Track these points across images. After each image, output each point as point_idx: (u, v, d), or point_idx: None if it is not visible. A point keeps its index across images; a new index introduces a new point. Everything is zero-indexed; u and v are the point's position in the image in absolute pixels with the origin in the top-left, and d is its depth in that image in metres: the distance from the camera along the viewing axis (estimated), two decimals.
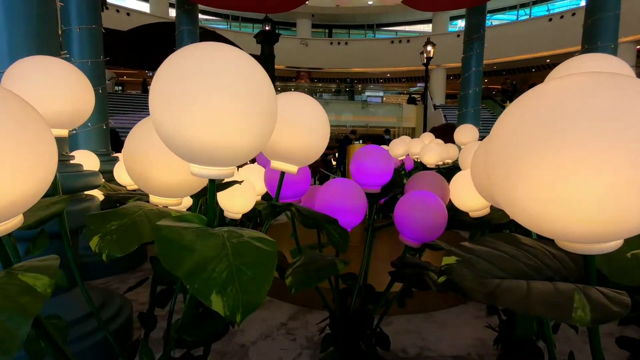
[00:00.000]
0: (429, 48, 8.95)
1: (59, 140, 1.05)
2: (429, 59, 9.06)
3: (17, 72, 0.98)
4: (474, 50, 5.02)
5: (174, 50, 0.58)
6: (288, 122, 0.88)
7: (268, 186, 1.31)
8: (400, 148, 3.44)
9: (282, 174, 1.02)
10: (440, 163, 3.21)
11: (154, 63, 9.02)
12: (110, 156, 3.05)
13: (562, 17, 16.66)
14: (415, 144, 3.53)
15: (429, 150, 3.13)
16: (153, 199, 0.94)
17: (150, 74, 19.91)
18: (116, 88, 20.98)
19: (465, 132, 3.03)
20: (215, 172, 0.65)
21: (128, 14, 17.61)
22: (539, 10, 19.40)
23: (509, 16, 21.02)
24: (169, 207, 0.95)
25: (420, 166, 3.48)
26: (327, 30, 25.39)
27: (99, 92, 3.01)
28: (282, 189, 1.24)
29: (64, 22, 2.90)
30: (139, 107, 16.45)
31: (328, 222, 1.11)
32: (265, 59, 10.21)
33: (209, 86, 0.55)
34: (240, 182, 1.10)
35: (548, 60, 19.01)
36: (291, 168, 0.96)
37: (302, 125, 0.92)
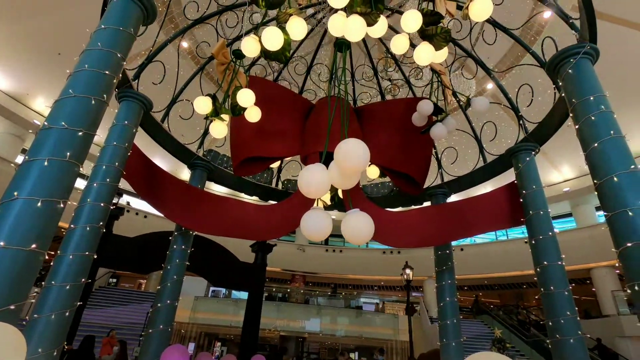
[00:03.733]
0: (408, 271, 9.50)
1: None
2: (408, 281, 9.47)
3: None
4: (445, 280, 5.32)
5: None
6: None
7: None
8: None
9: None
10: None
11: (147, 269, 9.28)
12: None
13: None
14: None
15: None
16: None
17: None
18: (111, 280, 21.03)
19: None
20: None
21: (145, 217, 19.64)
22: (516, 231, 21.37)
23: (489, 235, 23.07)
24: None
25: None
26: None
27: (65, 315, 3.06)
28: None
29: (62, 247, 3.29)
30: (129, 301, 16.03)
31: None
32: (258, 267, 10.63)
33: None
34: None
35: (535, 279, 19.54)
36: None
37: None
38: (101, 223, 3.58)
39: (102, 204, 3.58)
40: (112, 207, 3.89)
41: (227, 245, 10.87)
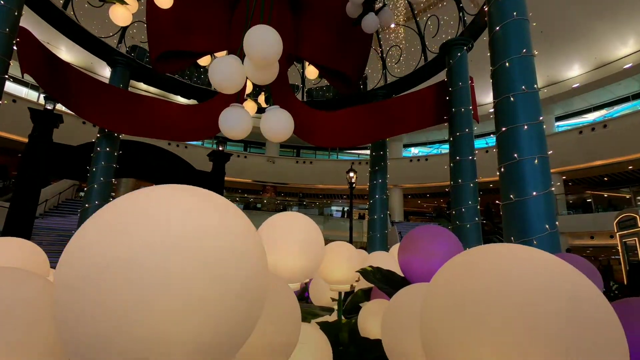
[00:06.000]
0: (351, 174, 9.81)
1: None
2: (351, 184, 9.85)
3: None
4: (377, 180, 5.52)
5: None
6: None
7: None
8: None
9: None
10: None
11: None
12: None
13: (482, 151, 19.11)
14: None
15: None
16: None
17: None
18: (81, 194, 21.01)
19: (378, 259, 3.10)
20: None
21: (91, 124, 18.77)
22: (476, 143, 22.06)
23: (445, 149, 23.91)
24: None
25: None
26: (295, 150, 27.61)
27: None
28: None
29: None
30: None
31: None
32: (215, 175, 10.79)
33: None
34: None
35: (491, 185, 20.96)
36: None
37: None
38: None
39: None
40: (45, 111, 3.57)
41: (183, 154, 10.78)
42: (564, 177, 18.50)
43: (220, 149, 10.91)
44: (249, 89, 5.22)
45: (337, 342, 1.66)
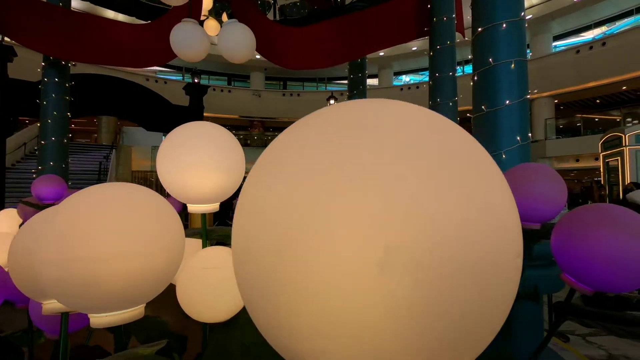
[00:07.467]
0: (332, 102, 9.42)
1: None
2: None
3: None
4: None
5: None
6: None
7: None
8: None
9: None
10: None
11: None
12: None
13: None
14: None
15: None
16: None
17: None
18: None
19: None
20: None
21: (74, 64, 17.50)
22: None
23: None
24: None
25: None
26: (282, 83, 26.41)
27: None
28: None
29: None
30: (82, 152, 15.65)
31: None
32: (193, 109, 10.36)
33: None
34: None
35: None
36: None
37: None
38: None
39: None
40: None
41: (163, 91, 10.22)
42: (556, 101, 18.12)
43: (196, 80, 10.25)
44: (209, 4, 4.63)
45: None
